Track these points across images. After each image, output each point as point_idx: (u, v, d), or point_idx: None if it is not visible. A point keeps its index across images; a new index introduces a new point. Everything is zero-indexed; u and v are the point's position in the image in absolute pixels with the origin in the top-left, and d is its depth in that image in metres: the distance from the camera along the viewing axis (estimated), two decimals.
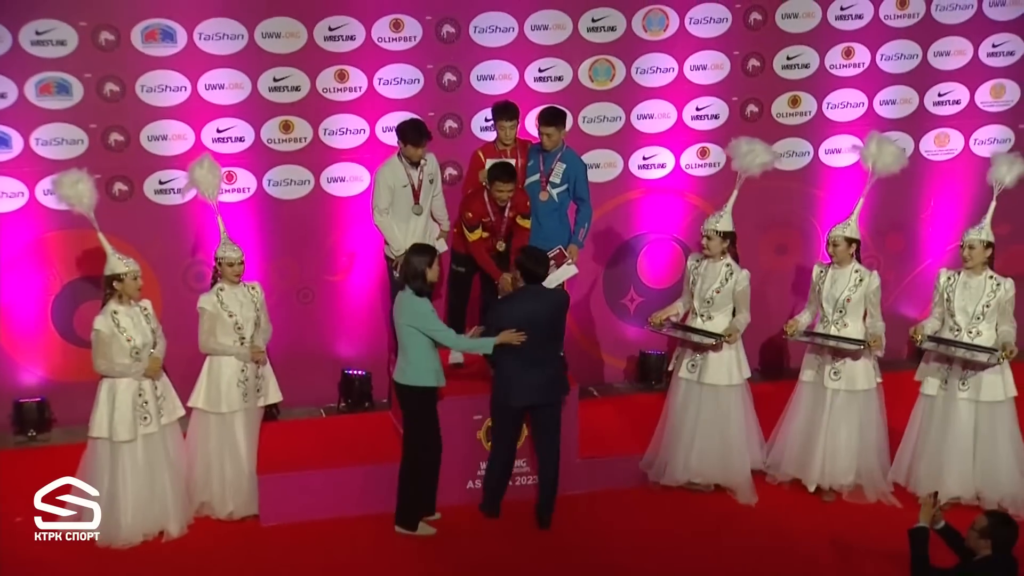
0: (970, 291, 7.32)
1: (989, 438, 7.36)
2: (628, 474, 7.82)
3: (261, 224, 9.06)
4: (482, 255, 7.79)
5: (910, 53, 9.80)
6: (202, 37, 8.64)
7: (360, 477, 7.54)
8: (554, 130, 7.92)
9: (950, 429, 7.36)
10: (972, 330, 7.30)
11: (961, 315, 7.31)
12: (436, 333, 7.06)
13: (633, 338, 9.78)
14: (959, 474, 7.35)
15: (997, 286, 7.31)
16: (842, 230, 7.51)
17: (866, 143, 7.88)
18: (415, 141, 7.69)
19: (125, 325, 7.07)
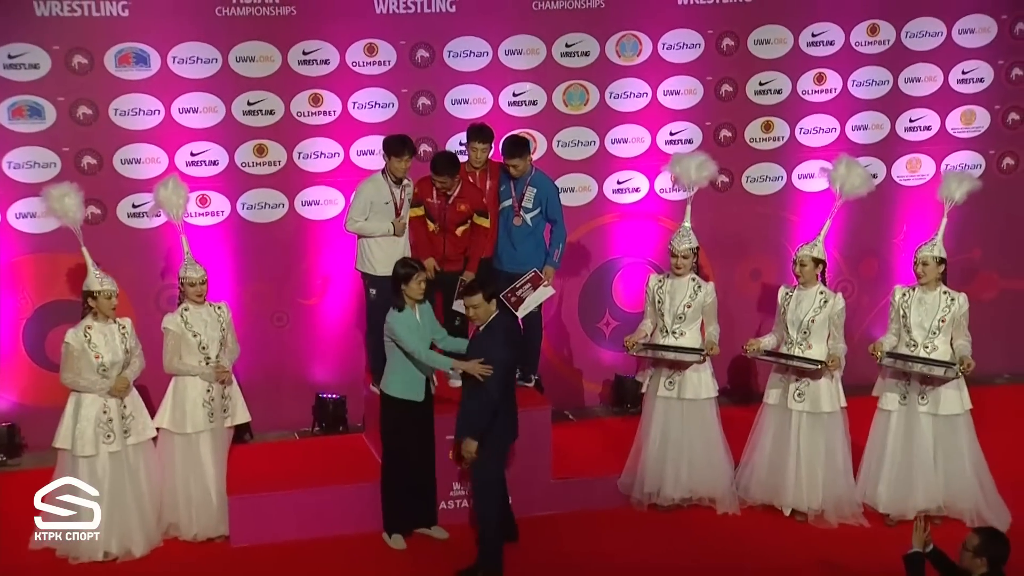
0: (925, 307, 7.42)
1: (951, 451, 7.45)
2: (603, 494, 7.78)
3: (235, 248, 9.04)
4: (416, 231, 7.85)
5: (881, 79, 9.90)
6: (176, 61, 8.66)
7: (331, 498, 7.48)
8: (519, 160, 7.97)
9: (913, 443, 7.43)
10: (928, 345, 7.39)
11: (917, 330, 7.40)
12: (404, 345, 7.07)
13: (609, 362, 9.78)
14: (924, 488, 7.42)
15: (951, 301, 7.42)
16: (809, 250, 7.57)
17: (835, 165, 7.97)
18: (397, 152, 7.69)
19: (96, 341, 7.04)
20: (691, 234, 7.71)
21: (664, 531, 7.49)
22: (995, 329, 10.31)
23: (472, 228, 7.89)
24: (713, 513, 7.66)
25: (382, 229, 7.70)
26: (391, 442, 7.29)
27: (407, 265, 7.19)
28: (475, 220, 7.86)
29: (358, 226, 7.75)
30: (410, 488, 7.34)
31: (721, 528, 7.52)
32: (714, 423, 7.67)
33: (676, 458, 7.61)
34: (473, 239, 7.92)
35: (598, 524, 7.59)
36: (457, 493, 7.59)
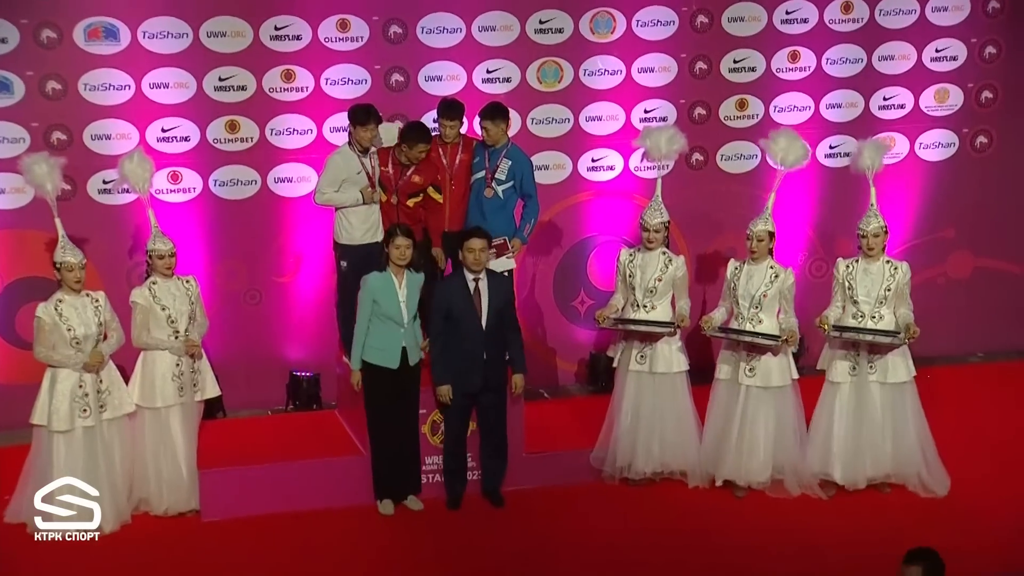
0: (871, 277, 7.49)
1: (899, 418, 7.53)
2: (576, 469, 7.77)
3: (207, 225, 8.98)
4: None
5: (855, 57, 9.91)
6: (146, 36, 8.59)
7: (303, 472, 7.45)
8: (491, 124, 7.88)
9: (863, 413, 7.50)
10: (875, 315, 7.46)
11: (864, 301, 7.45)
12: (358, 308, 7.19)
13: (583, 340, 9.77)
14: (873, 457, 7.50)
15: (895, 270, 7.52)
16: (764, 224, 7.60)
17: (774, 138, 7.95)
18: (363, 121, 7.63)
19: (68, 315, 6.99)
20: (662, 208, 7.71)
21: (634, 505, 7.48)
22: (969, 308, 10.40)
23: (425, 201, 7.82)
24: (684, 487, 7.66)
25: (351, 199, 7.65)
26: (367, 409, 7.30)
27: (394, 226, 7.24)
28: (429, 193, 7.79)
29: (327, 198, 7.71)
30: (388, 456, 7.30)
31: (691, 502, 7.52)
32: (685, 397, 7.67)
33: (647, 432, 7.61)
34: (429, 214, 7.85)
35: (570, 498, 7.57)
36: (431, 467, 7.55)
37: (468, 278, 7.28)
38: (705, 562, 6.77)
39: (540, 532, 7.17)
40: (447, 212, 7.88)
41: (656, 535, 7.10)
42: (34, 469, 7.09)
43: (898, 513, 7.33)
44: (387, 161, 7.74)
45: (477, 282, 7.28)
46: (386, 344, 7.18)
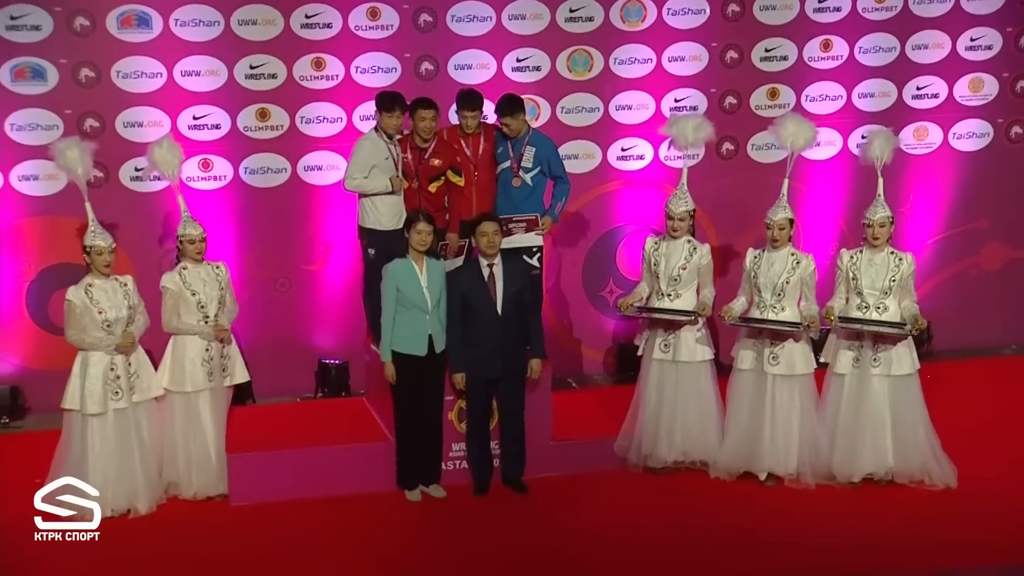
0: (876, 267, 7.41)
1: (903, 411, 7.44)
2: (602, 457, 7.75)
3: (237, 213, 9.04)
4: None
5: (888, 46, 9.83)
6: (178, 23, 8.65)
7: (330, 458, 7.47)
8: (511, 119, 7.90)
9: (864, 406, 7.42)
10: (880, 306, 7.38)
11: (869, 292, 7.38)
12: (383, 296, 7.20)
13: (612, 330, 9.75)
14: (873, 450, 7.42)
15: (900, 261, 7.43)
16: (785, 212, 7.52)
17: (783, 123, 7.86)
18: (388, 108, 7.64)
19: (98, 298, 7.05)
20: (688, 196, 7.66)
21: (658, 493, 7.44)
22: (1002, 300, 10.31)
23: (447, 186, 7.83)
24: (705, 477, 7.62)
25: (380, 186, 7.66)
26: (395, 396, 7.31)
27: (415, 212, 7.26)
28: (449, 177, 7.81)
29: (356, 183, 7.72)
30: (413, 445, 7.33)
31: (714, 491, 7.48)
32: (708, 386, 7.62)
33: (669, 420, 7.58)
34: (451, 199, 7.87)
35: (595, 486, 7.55)
36: (457, 454, 7.56)
37: (483, 264, 7.29)
38: (727, 551, 6.73)
39: (564, 520, 7.17)
40: (474, 201, 7.88)
41: (679, 524, 7.07)
42: (67, 453, 7.14)
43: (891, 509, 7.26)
44: (406, 148, 7.76)
45: (492, 268, 7.27)
46: (412, 332, 7.19)
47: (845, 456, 7.43)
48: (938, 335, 9.85)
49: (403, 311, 7.17)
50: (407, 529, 7.06)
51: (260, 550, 6.77)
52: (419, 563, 6.63)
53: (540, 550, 6.76)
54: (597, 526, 7.07)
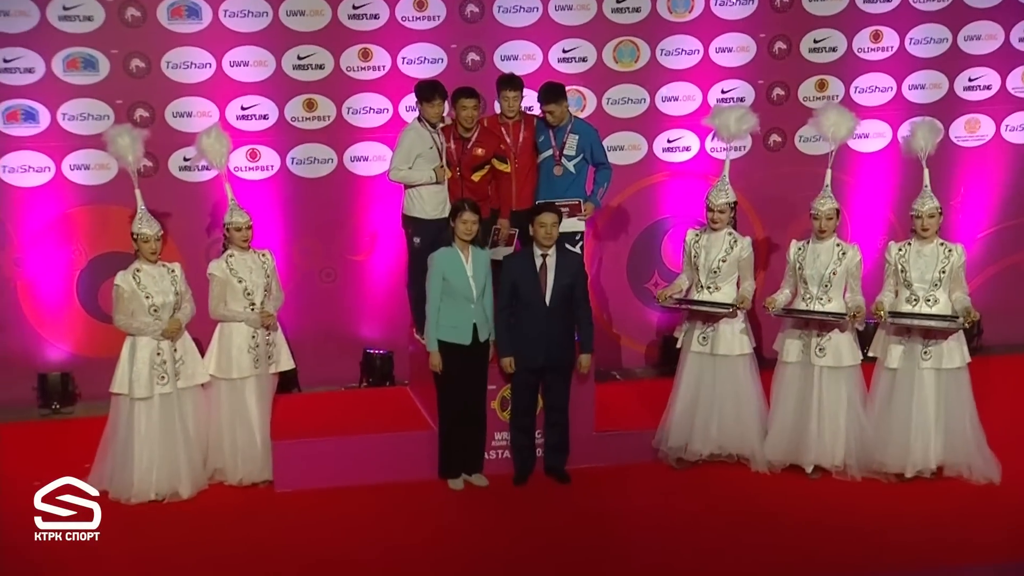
0: (925, 259, 7.31)
1: (952, 405, 7.35)
2: (645, 449, 7.72)
3: (284, 203, 9.12)
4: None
5: (940, 37, 9.71)
6: (227, 14, 8.73)
7: (374, 446, 7.51)
8: (555, 106, 7.90)
9: (915, 400, 7.32)
10: (930, 298, 7.28)
11: (919, 284, 7.29)
12: (428, 285, 7.23)
13: (656, 323, 9.72)
14: (923, 445, 7.32)
15: (949, 252, 7.32)
16: (831, 202, 7.45)
17: (824, 113, 7.78)
18: (428, 97, 7.67)
19: (146, 283, 7.14)
20: (728, 188, 7.61)
21: (698, 486, 7.41)
22: None
23: (493, 174, 7.84)
24: (742, 471, 7.57)
25: (425, 177, 7.68)
26: (438, 385, 7.34)
27: (460, 201, 7.27)
28: (495, 165, 7.81)
29: (402, 175, 7.74)
30: (457, 433, 7.35)
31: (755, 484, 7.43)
32: (748, 380, 7.55)
33: (705, 414, 7.53)
34: (498, 185, 7.88)
35: (637, 478, 7.54)
36: (500, 443, 7.58)
37: (536, 254, 7.28)
38: (767, 544, 6.68)
39: (606, 510, 7.16)
40: (514, 190, 7.88)
41: (720, 516, 7.02)
42: (114, 437, 7.25)
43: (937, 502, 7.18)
44: (449, 138, 7.78)
45: (544, 258, 7.27)
46: (457, 321, 7.21)
47: (894, 450, 7.34)
48: (988, 330, 9.72)
49: (448, 300, 7.19)
50: (449, 517, 7.08)
51: (304, 536, 6.82)
52: (461, 551, 6.65)
53: (582, 540, 6.75)
54: (639, 517, 7.06)
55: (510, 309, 7.27)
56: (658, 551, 6.63)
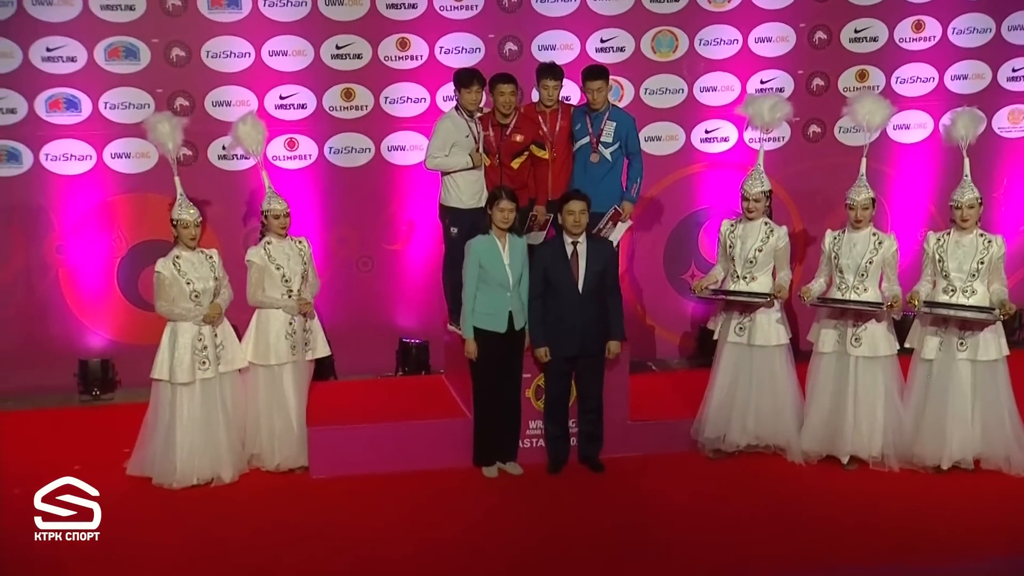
0: (963, 249, 7.23)
1: (989, 398, 7.26)
2: (680, 439, 7.69)
3: (322, 192, 9.16)
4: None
5: (983, 27, 9.60)
6: (266, 3, 8.80)
7: (409, 433, 7.52)
8: (602, 83, 7.86)
9: (951, 392, 7.25)
10: (967, 289, 7.20)
11: (956, 275, 7.21)
12: (464, 272, 7.23)
13: (693, 314, 9.69)
14: (961, 437, 7.25)
15: (988, 243, 7.23)
16: (867, 192, 7.38)
17: (859, 101, 7.73)
18: (466, 83, 7.68)
19: (186, 269, 7.20)
20: (763, 177, 7.56)
21: (733, 476, 7.38)
22: None
23: (532, 161, 7.83)
24: (781, 460, 7.53)
25: (461, 163, 7.69)
26: (474, 373, 7.35)
27: (498, 189, 7.27)
28: (533, 151, 7.80)
29: (438, 162, 7.76)
30: (492, 421, 7.36)
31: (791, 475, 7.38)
32: (784, 371, 7.50)
33: (743, 405, 7.50)
34: (535, 174, 7.87)
35: (672, 467, 7.52)
36: (534, 432, 7.58)
37: (567, 241, 7.27)
38: (803, 534, 6.64)
39: (640, 499, 7.14)
40: (550, 179, 7.87)
41: (756, 507, 6.98)
42: (157, 423, 7.30)
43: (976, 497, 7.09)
44: (487, 125, 7.78)
45: (576, 246, 7.25)
46: (493, 309, 7.21)
47: (931, 442, 7.29)
48: None
49: (484, 288, 7.19)
50: (483, 505, 7.09)
51: (338, 522, 6.85)
52: (495, 538, 6.65)
53: (615, 528, 6.74)
54: (673, 507, 7.03)
55: (542, 299, 7.27)
56: (693, 541, 6.60)
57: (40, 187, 8.81)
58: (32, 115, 8.68)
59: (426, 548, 6.52)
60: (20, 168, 8.76)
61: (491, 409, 7.37)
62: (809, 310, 7.59)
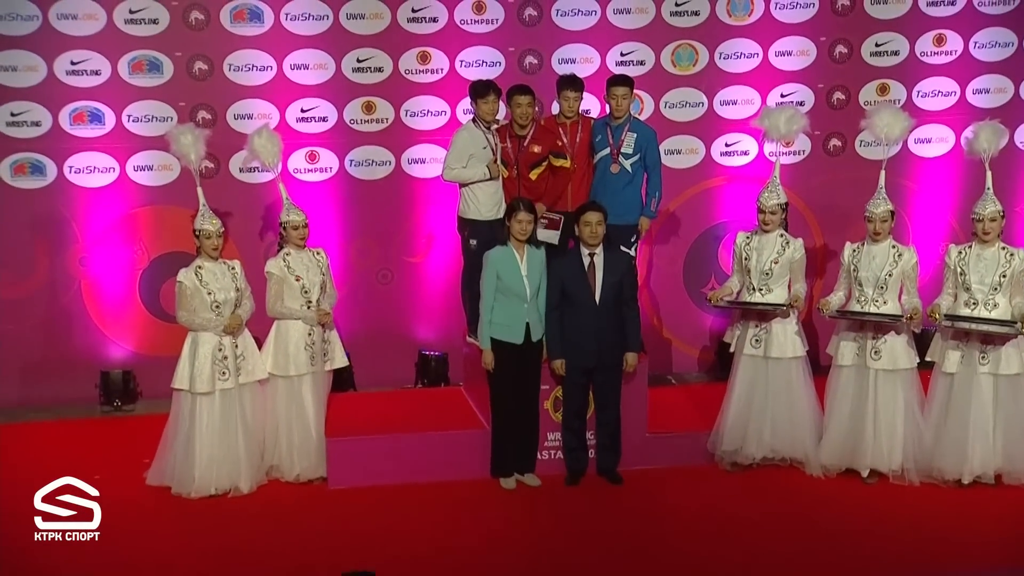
0: (985, 263, 7.20)
1: (1011, 411, 7.21)
2: (699, 451, 7.67)
3: (342, 204, 9.21)
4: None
5: (1005, 41, 9.57)
6: (288, 17, 8.85)
7: (428, 444, 7.53)
8: (627, 90, 7.88)
9: (972, 406, 7.20)
10: (989, 302, 7.16)
11: (978, 288, 7.17)
12: (482, 282, 7.25)
13: (712, 327, 9.66)
14: (982, 451, 7.20)
15: (1011, 256, 7.19)
16: (886, 204, 7.35)
17: (877, 114, 7.72)
18: (482, 94, 7.71)
19: (208, 280, 7.24)
20: (779, 189, 7.56)
21: (751, 489, 7.35)
22: None
23: (552, 172, 7.84)
24: (797, 474, 7.50)
25: (479, 175, 7.71)
26: (491, 384, 7.36)
27: (516, 200, 7.29)
28: (552, 161, 7.82)
29: (455, 174, 7.78)
30: (510, 432, 7.36)
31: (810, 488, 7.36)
32: (800, 383, 7.48)
33: (759, 417, 7.48)
34: (556, 183, 7.88)
35: (690, 480, 7.50)
36: (552, 443, 7.57)
37: (583, 253, 7.27)
38: (822, 548, 6.60)
39: (658, 511, 7.12)
40: (569, 191, 7.88)
41: (775, 520, 6.96)
42: (176, 432, 7.33)
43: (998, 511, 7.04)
44: (505, 137, 7.80)
45: (592, 257, 7.25)
46: (510, 320, 7.22)
47: (952, 455, 7.24)
48: None
49: (502, 299, 7.20)
50: (501, 516, 7.08)
51: (357, 532, 6.85)
52: (513, 549, 6.64)
53: (633, 540, 6.72)
54: (692, 519, 7.00)
55: (559, 311, 7.27)
56: (711, 554, 6.57)
57: (64, 199, 8.89)
58: (56, 128, 8.77)
59: (444, 559, 6.51)
60: (44, 180, 8.85)
61: (509, 420, 7.37)
62: (828, 325, 7.56)
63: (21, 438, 8.24)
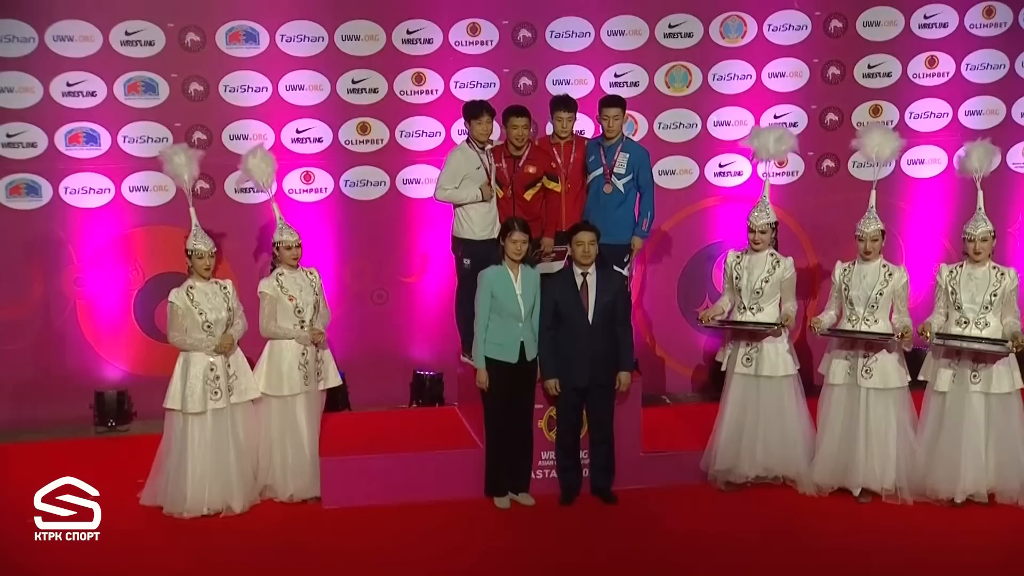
0: (976, 282, 7.22)
1: (1003, 431, 7.23)
2: (693, 471, 7.66)
3: (337, 225, 9.23)
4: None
5: (996, 63, 9.63)
6: (284, 39, 8.90)
7: (422, 464, 7.53)
8: (618, 111, 7.92)
9: (965, 425, 7.21)
10: (980, 321, 7.18)
11: (969, 307, 7.19)
12: (476, 302, 7.25)
13: (706, 347, 9.67)
14: (974, 470, 7.21)
15: (1002, 276, 7.23)
16: (877, 224, 7.38)
17: (866, 134, 7.72)
18: (476, 115, 7.74)
19: (199, 300, 7.25)
20: (769, 209, 7.59)
21: (745, 508, 7.35)
22: None
23: (544, 194, 7.87)
24: (790, 493, 7.50)
25: (471, 195, 7.73)
26: (486, 404, 7.36)
27: (510, 220, 7.30)
28: (545, 184, 7.84)
29: (447, 194, 7.80)
30: (503, 452, 7.37)
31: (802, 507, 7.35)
32: (792, 401, 7.49)
33: (751, 436, 7.48)
34: (548, 205, 7.91)
35: (684, 499, 7.50)
36: (546, 463, 7.57)
37: (576, 272, 7.29)
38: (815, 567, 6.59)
39: (652, 531, 7.11)
40: (563, 210, 7.91)
41: (768, 539, 6.95)
42: (168, 452, 7.33)
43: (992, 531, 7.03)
44: (500, 157, 7.83)
45: (585, 277, 7.27)
46: (504, 339, 7.23)
47: (944, 475, 7.25)
48: None
49: (496, 318, 7.22)
50: (495, 536, 7.07)
51: (350, 551, 6.84)
52: (507, 569, 6.63)
53: (628, 560, 6.71)
54: (686, 539, 6.99)
55: (553, 330, 7.28)
56: (705, 573, 6.56)
57: (59, 220, 8.91)
58: (52, 149, 8.80)
59: None
60: (40, 201, 8.86)
61: (503, 439, 7.37)
62: (821, 344, 7.58)
63: (15, 458, 8.23)
